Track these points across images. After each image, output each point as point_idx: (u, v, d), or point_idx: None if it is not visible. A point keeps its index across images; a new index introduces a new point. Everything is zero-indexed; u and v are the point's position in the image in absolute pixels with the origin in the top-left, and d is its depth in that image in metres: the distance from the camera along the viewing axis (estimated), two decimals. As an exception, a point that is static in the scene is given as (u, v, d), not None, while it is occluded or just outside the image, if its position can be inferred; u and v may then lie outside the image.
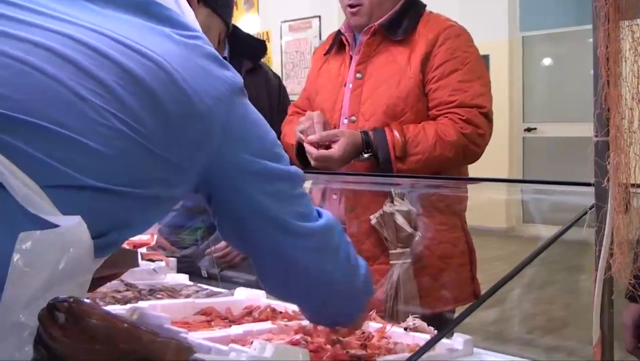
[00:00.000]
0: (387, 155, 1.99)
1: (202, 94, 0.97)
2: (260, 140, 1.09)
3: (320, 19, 8.05)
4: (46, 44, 0.88)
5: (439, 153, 2.00)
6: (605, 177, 1.01)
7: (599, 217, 1.02)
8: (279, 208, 1.09)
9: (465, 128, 2.01)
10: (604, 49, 0.99)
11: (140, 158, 0.90)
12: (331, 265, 1.18)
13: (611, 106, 0.99)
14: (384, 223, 1.89)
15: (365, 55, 2.16)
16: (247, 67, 2.64)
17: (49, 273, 0.78)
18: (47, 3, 0.94)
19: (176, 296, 1.82)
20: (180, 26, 1.02)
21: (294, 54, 8.56)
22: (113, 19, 0.96)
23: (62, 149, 0.83)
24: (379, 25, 2.14)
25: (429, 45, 2.08)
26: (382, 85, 2.10)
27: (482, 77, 2.12)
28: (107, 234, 0.90)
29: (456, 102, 2.03)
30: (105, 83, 0.88)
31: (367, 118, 2.10)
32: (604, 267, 1.01)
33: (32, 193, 0.80)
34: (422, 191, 1.99)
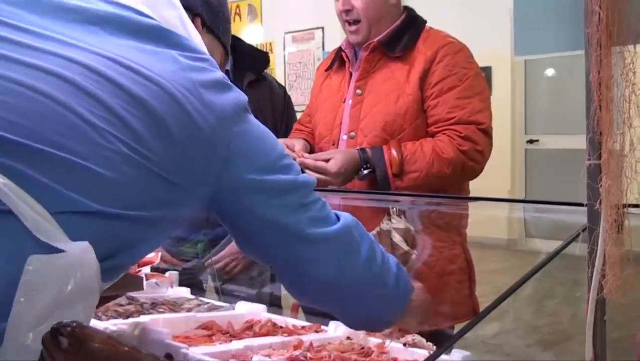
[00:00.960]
0: (385, 172, 2.01)
1: (206, 116, 0.98)
2: (266, 155, 1.10)
3: (323, 30, 8.09)
4: (55, 70, 0.89)
5: (437, 170, 2.01)
6: (598, 199, 1.03)
7: (591, 239, 1.04)
8: (292, 219, 1.10)
9: (463, 145, 2.02)
10: (595, 74, 1.01)
11: (147, 182, 0.92)
12: (353, 266, 1.18)
13: (603, 130, 1.02)
14: (380, 241, 1.90)
15: (365, 71, 2.18)
16: (250, 79, 2.65)
17: (55, 296, 0.80)
18: (56, 28, 0.96)
19: (178, 310, 1.83)
20: (187, 49, 1.04)
21: (297, 65, 8.60)
22: (121, 44, 0.98)
23: (70, 175, 0.85)
24: (378, 41, 2.15)
25: (427, 61, 2.09)
26: (381, 102, 2.12)
27: (482, 93, 2.12)
28: (114, 257, 0.91)
29: (454, 119, 2.04)
30: (112, 108, 0.89)
31: (366, 135, 2.11)
32: (597, 287, 1.03)
33: (41, 220, 0.81)
34: (421, 208, 2.00)
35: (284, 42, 8.72)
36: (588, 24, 1.03)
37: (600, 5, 0.99)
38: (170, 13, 1.11)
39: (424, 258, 1.99)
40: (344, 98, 2.21)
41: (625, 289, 1.02)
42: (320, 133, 2.27)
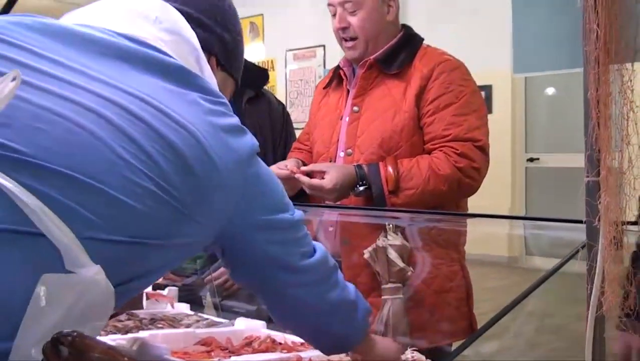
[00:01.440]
0: (381, 189, 2.00)
1: (226, 161, 1.04)
2: (272, 196, 1.17)
3: (324, 48, 8.13)
4: (92, 106, 0.94)
5: (433, 187, 2.00)
6: (597, 216, 1.03)
7: (590, 256, 1.04)
8: (287, 254, 1.20)
9: (459, 162, 2.01)
10: (594, 92, 1.02)
11: (168, 216, 0.97)
12: (327, 291, 1.29)
13: (602, 147, 1.02)
14: (376, 258, 1.89)
15: (362, 88, 2.18)
16: (249, 95, 2.65)
17: (64, 315, 0.82)
18: (85, 61, 1.00)
19: (177, 326, 1.83)
20: (208, 92, 1.09)
21: (299, 83, 8.63)
22: (149, 83, 1.02)
23: (98, 203, 0.89)
24: (374, 59, 2.16)
25: (423, 79, 2.09)
26: (377, 119, 2.11)
27: (478, 111, 2.11)
28: (130, 281, 0.97)
29: (450, 136, 2.04)
30: (143, 146, 0.94)
31: (362, 152, 2.11)
32: (596, 304, 1.03)
33: (71, 244, 0.85)
34: (418, 225, 2.00)
35: (286, 60, 8.76)
36: (586, 42, 1.04)
37: (598, 24, 1.00)
38: (189, 54, 1.16)
39: (420, 275, 1.98)
40: (341, 116, 2.22)
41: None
42: (318, 150, 2.27)
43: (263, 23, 8.94)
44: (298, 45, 8.56)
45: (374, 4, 2.16)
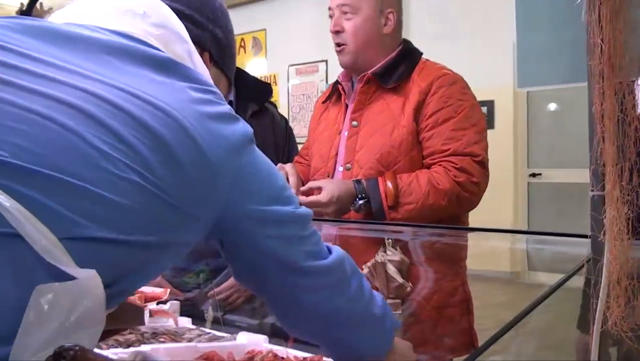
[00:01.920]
0: (380, 204, 1.99)
1: (214, 146, 1.00)
2: (270, 186, 1.11)
3: (327, 63, 8.15)
4: (68, 99, 0.91)
5: (432, 201, 1.99)
6: (602, 230, 1.03)
7: (596, 270, 1.03)
8: (289, 251, 1.12)
9: (458, 177, 2.00)
10: (598, 106, 1.01)
11: (154, 208, 0.93)
12: (344, 300, 1.20)
13: (606, 161, 1.02)
14: (375, 273, 1.88)
15: (361, 103, 2.17)
16: (252, 109, 2.67)
17: (61, 324, 0.80)
18: (69, 59, 0.98)
19: (179, 340, 1.82)
20: (196, 82, 1.06)
21: (301, 97, 8.65)
22: (132, 74, 1.00)
23: (79, 201, 0.86)
24: (372, 73, 2.15)
25: (422, 93, 2.08)
26: (376, 133, 2.11)
27: (477, 125, 2.10)
28: (118, 283, 0.92)
29: (449, 151, 2.03)
30: (122, 136, 0.91)
31: (361, 166, 2.11)
32: (601, 319, 1.02)
33: (50, 245, 0.82)
34: (419, 240, 1.99)
35: (288, 75, 8.79)
36: (590, 56, 1.04)
37: (603, 38, 1.00)
38: (179, 47, 1.13)
39: (420, 290, 1.97)
40: (340, 130, 2.21)
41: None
42: (315, 165, 2.27)
43: (266, 38, 8.98)
44: (300, 60, 8.59)
45: (370, 13, 2.16)
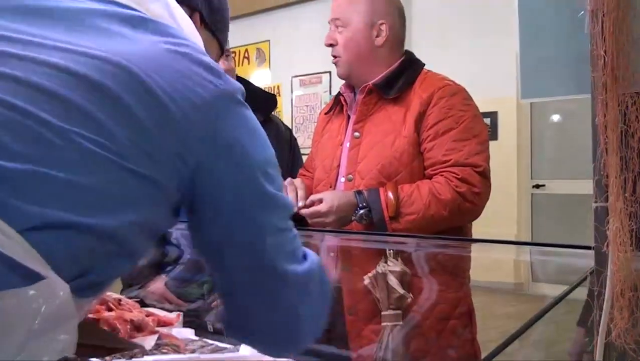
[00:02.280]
0: (381, 215, 1.98)
1: (179, 100, 0.89)
2: (254, 156, 0.99)
3: (330, 74, 8.16)
4: (14, 74, 0.82)
5: (434, 212, 1.98)
6: (605, 242, 1.03)
7: (599, 282, 1.03)
8: (265, 243, 0.98)
9: (460, 187, 1.99)
10: (602, 118, 1.02)
11: (115, 178, 0.83)
12: (306, 308, 1.07)
13: (610, 173, 1.02)
14: (376, 284, 1.87)
15: (362, 114, 2.18)
16: (258, 120, 2.69)
17: (28, 328, 0.74)
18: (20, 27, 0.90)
19: (181, 352, 1.82)
20: (169, 35, 0.97)
21: (305, 108, 8.67)
22: (85, 33, 0.91)
23: (32, 187, 0.77)
24: (373, 84, 2.16)
25: (423, 104, 2.08)
26: (377, 144, 2.11)
27: (479, 136, 2.09)
28: (91, 272, 0.84)
29: (450, 162, 2.02)
30: (70, 100, 0.82)
31: (363, 177, 2.10)
32: (605, 331, 1.02)
33: (6, 239, 0.74)
34: (421, 251, 1.98)
35: (292, 86, 8.80)
36: (594, 68, 1.04)
37: (606, 50, 1.01)
38: (156, 5, 1.03)
39: (421, 301, 1.96)
40: (342, 142, 2.22)
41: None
42: (318, 176, 2.27)
43: (269, 49, 9.00)
44: (304, 71, 8.60)
45: (360, 25, 2.17)
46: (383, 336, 1.86)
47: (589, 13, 1.04)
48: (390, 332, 1.85)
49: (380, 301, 1.88)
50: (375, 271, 1.89)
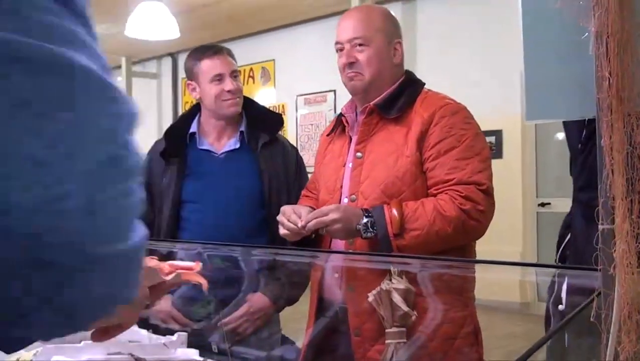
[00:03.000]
0: (385, 231, 1.99)
1: None
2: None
3: (335, 92, 8.20)
4: None
5: (439, 228, 1.98)
6: (612, 264, 1.02)
7: (606, 304, 1.03)
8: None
9: (464, 205, 2.00)
10: (607, 139, 1.01)
11: None
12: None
13: (616, 195, 1.01)
14: (380, 301, 1.87)
15: (364, 134, 2.19)
16: (264, 140, 2.72)
17: None
18: None
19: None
20: None
21: (309, 127, 8.69)
22: None
23: None
24: (374, 104, 2.18)
25: (424, 123, 2.09)
26: (379, 164, 2.12)
27: (481, 154, 2.10)
28: None
29: (454, 180, 2.02)
30: None
31: (366, 197, 2.11)
32: (612, 354, 1.01)
33: None
34: (426, 270, 1.98)
35: (296, 104, 8.84)
36: (599, 89, 1.04)
37: (610, 72, 1.00)
38: None
39: (426, 320, 1.96)
40: (345, 162, 2.23)
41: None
42: (322, 198, 2.28)
43: (274, 68, 9.04)
44: (309, 90, 8.64)
45: (381, 43, 2.20)
46: (387, 353, 1.85)
47: (593, 34, 1.05)
48: (395, 350, 1.84)
49: (385, 318, 1.87)
50: (380, 288, 1.88)
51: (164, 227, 2.70)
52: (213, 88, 2.69)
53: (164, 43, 6.97)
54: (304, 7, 7.53)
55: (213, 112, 2.75)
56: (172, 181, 2.72)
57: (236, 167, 2.74)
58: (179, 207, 2.72)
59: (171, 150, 2.77)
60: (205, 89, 2.72)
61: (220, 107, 2.71)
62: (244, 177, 2.71)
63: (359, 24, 2.21)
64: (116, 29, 7.41)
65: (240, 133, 2.78)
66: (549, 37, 1.15)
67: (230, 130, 2.79)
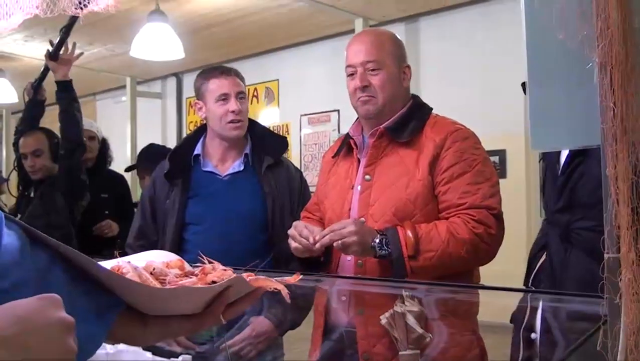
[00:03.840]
0: (400, 253, 2.00)
1: None
2: None
3: (339, 112, 8.21)
4: None
5: (452, 250, 2.00)
6: (618, 293, 1.02)
7: (612, 334, 1.02)
8: None
9: (477, 228, 2.02)
10: (612, 169, 1.02)
11: None
12: None
13: (621, 224, 1.01)
14: (394, 324, 1.87)
15: (373, 157, 2.20)
16: (268, 163, 2.73)
17: None
18: None
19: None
20: None
21: (313, 147, 8.70)
22: None
23: None
24: (385, 127, 2.19)
25: (436, 147, 2.11)
26: (390, 187, 2.13)
27: (491, 179, 2.14)
28: None
29: (466, 205, 2.05)
30: None
31: (376, 220, 2.12)
32: (619, 384, 1.01)
33: None
34: (433, 294, 1.98)
35: (300, 124, 8.85)
36: (603, 119, 1.05)
37: (615, 102, 1.01)
38: None
39: (437, 343, 1.95)
40: (352, 185, 2.23)
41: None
42: (330, 219, 2.28)
43: (278, 88, 9.08)
44: (313, 110, 8.65)
45: (393, 67, 2.23)
46: (401, 376, 1.85)
47: (597, 65, 1.05)
48: (409, 373, 1.85)
49: (399, 341, 1.88)
50: (393, 310, 1.89)
51: (167, 248, 2.70)
52: (218, 108, 2.71)
53: (168, 63, 7.01)
54: (308, 27, 7.57)
55: (217, 132, 2.77)
56: (176, 203, 2.74)
57: (240, 189, 2.75)
58: (182, 229, 2.73)
59: (175, 172, 2.78)
60: (211, 108, 2.74)
61: (224, 128, 2.72)
62: (247, 199, 2.72)
63: (371, 47, 2.23)
64: (121, 50, 7.45)
65: (244, 155, 2.79)
66: (553, 67, 1.16)
67: (235, 152, 2.80)
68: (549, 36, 1.13)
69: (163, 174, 2.80)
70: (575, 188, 1.94)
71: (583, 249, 1.89)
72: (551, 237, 2.06)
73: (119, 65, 8.54)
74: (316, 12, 6.85)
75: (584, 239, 1.90)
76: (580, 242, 1.92)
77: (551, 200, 2.07)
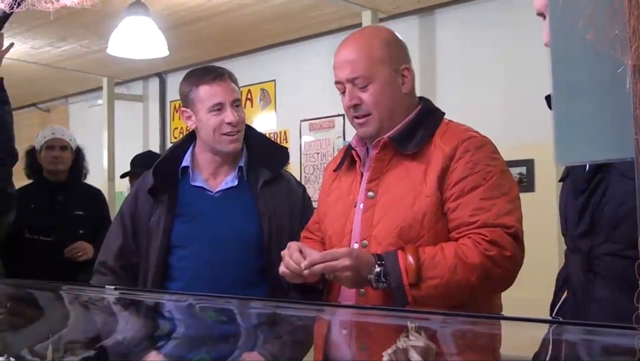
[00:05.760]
0: (400, 282, 1.98)
1: None
2: None
3: (344, 117, 8.21)
4: None
5: (461, 277, 1.97)
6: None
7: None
8: None
9: (489, 250, 1.98)
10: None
11: None
12: None
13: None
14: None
15: (377, 171, 2.17)
16: (265, 177, 2.67)
17: None
18: None
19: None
20: None
21: (315, 156, 8.69)
22: None
23: None
24: (388, 138, 2.16)
25: (446, 159, 2.08)
26: (395, 205, 2.10)
27: (509, 193, 2.10)
28: None
29: (478, 223, 2.02)
30: None
31: (379, 242, 2.10)
32: None
33: None
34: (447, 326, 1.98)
35: (300, 131, 8.85)
36: (637, 129, 1.06)
37: (649, 111, 1.02)
38: None
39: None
40: (355, 202, 2.21)
41: None
42: (331, 241, 2.27)
43: (275, 90, 9.08)
44: (314, 114, 8.65)
45: (386, 76, 2.19)
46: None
47: (630, 68, 1.07)
48: (414, 413, 1.84)
49: None
50: (396, 346, 1.89)
51: (150, 275, 2.69)
52: (211, 119, 2.65)
53: (150, 62, 7.02)
54: (308, 20, 7.57)
55: (209, 145, 2.72)
56: (161, 222, 2.70)
57: (233, 207, 2.70)
58: (168, 253, 2.69)
59: (160, 188, 2.74)
60: (203, 119, 2.68)
61: (219, 141, 2.67)
62: (241, 219, 2.68)
63: (357, 58, 2.19)
64: (97, 46, 7.47)
65: (239, 168, 2.74)
66: (580, 70, 1.17)
67: (228, 165, 2.75)
68: (575, 37, 1.15)
69: (146, 189, 2.76)
70: (598, 209, 1.91)
71: (608, 277, 1.88)
72: (572, 266, 2.03)
73: (95, 64, 8.55)
74: (318, 4, 6.85)
75: (608, 266, 1.88)
76: (604, 270, 1.89)
77: (571, 223, 2.03)
